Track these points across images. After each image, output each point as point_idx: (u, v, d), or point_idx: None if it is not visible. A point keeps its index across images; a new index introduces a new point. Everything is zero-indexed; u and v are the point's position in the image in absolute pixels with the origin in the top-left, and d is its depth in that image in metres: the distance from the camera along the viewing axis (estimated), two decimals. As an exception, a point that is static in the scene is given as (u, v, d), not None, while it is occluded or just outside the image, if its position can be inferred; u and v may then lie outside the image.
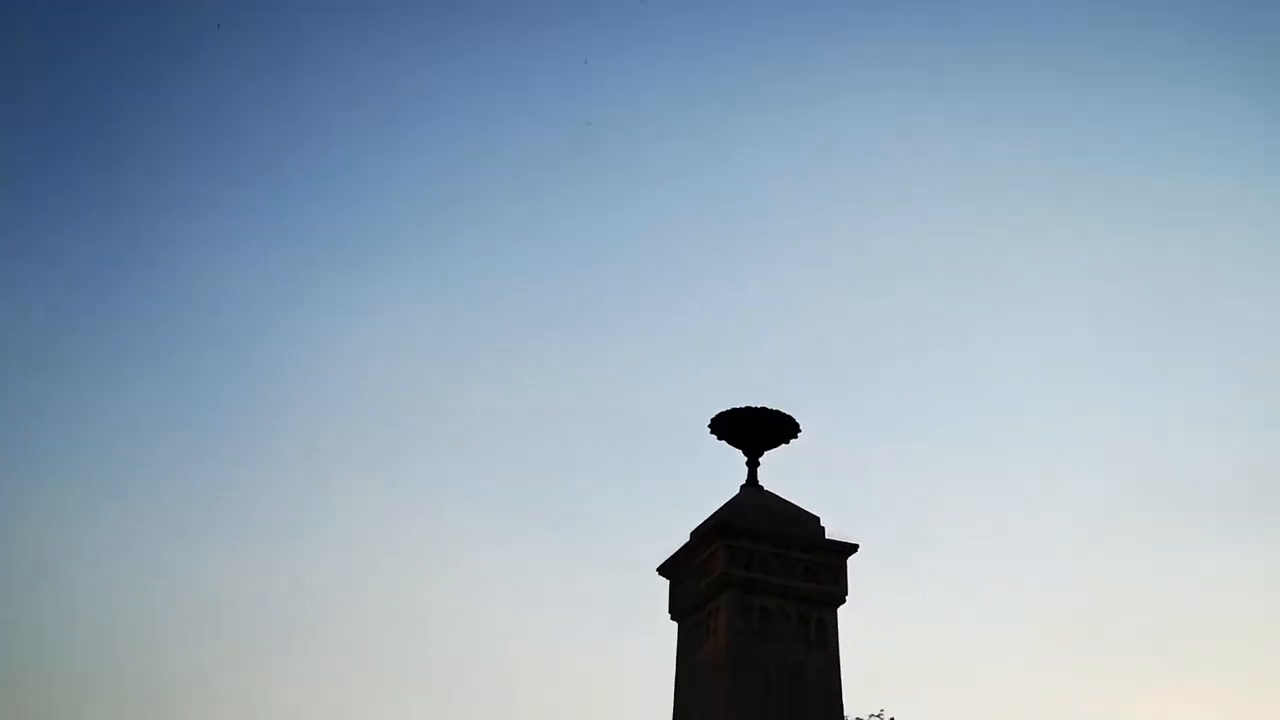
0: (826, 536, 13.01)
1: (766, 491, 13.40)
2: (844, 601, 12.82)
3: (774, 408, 13.39)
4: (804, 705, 11.97)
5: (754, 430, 13.44)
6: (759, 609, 12.25)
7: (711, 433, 13.64)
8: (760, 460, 13.66)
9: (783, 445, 13.73)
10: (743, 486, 13.51)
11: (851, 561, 13.01)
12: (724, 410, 13.46)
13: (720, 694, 11.86)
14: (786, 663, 12.08)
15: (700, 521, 13.34)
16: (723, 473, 13.92)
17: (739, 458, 13.80)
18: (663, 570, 13.67)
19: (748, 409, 13.33)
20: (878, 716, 47.20)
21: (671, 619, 13.50)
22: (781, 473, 14.18)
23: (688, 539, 13.32)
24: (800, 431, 13.53)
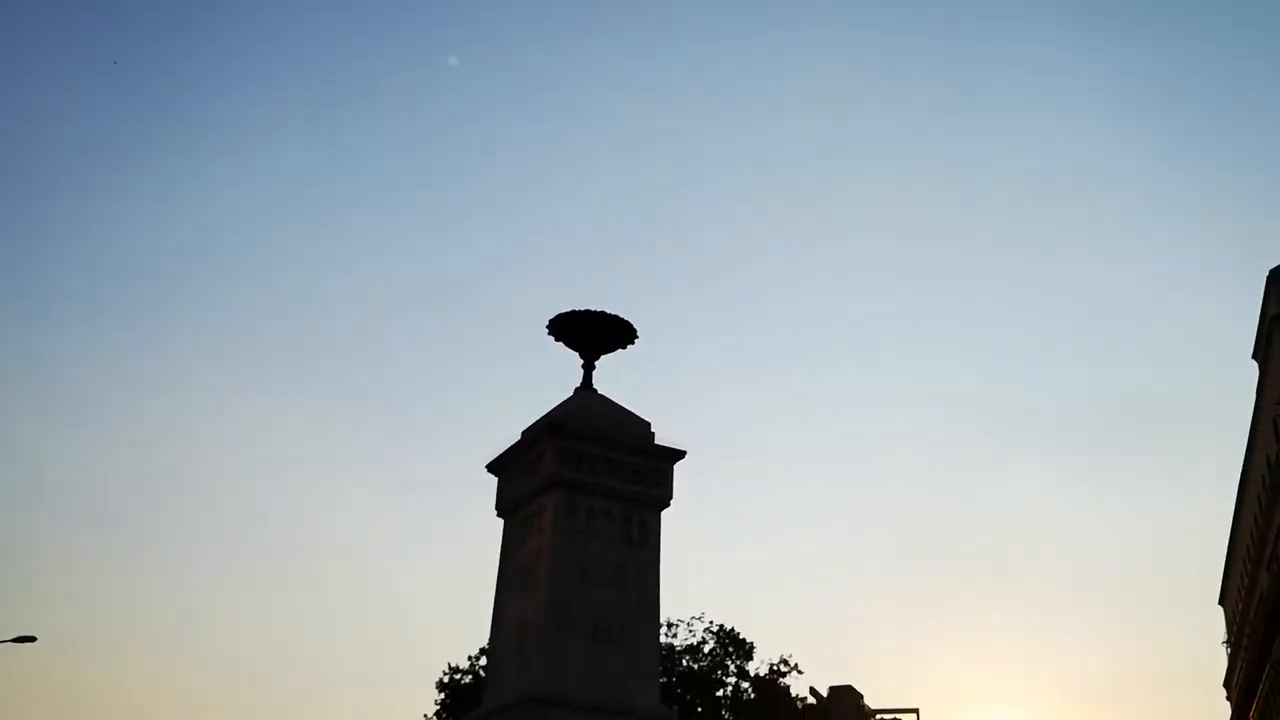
0: (655, 442, 13.23)
1: (600, 395, 13.51)
2: (668, 505, 13.12)
3: (613, 313, 13.46)
4: (623, 602, 12.28)
5: (591, 334, 13.47)
6: (585, 508, 12.44)
7: (549, 334, 13.62)
8: (596, 364, 13.72)
9: (619, 350, 13.83)
10: (577, 389, 13.58)
11: (679, 467, 13.30)
12: (563, 312, 13.45)
13: (541, 588, 12.06)
14: (608, 560, 12.34)
15: (533, 421, 13.40)
16: (559, 375, 13.98)
17: (576, 361, 13.86)
18: (492, 467, 13.71)
19: (586, 312, 13.34)
20: (698, 619, 48.52)
21: (498, 515, 13.59)
22: (617, 378, 14.33)
23: (519, 437, 13.38)
24: (637, 338, 13.63)
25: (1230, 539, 63.24)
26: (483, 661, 33.26)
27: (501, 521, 13.54)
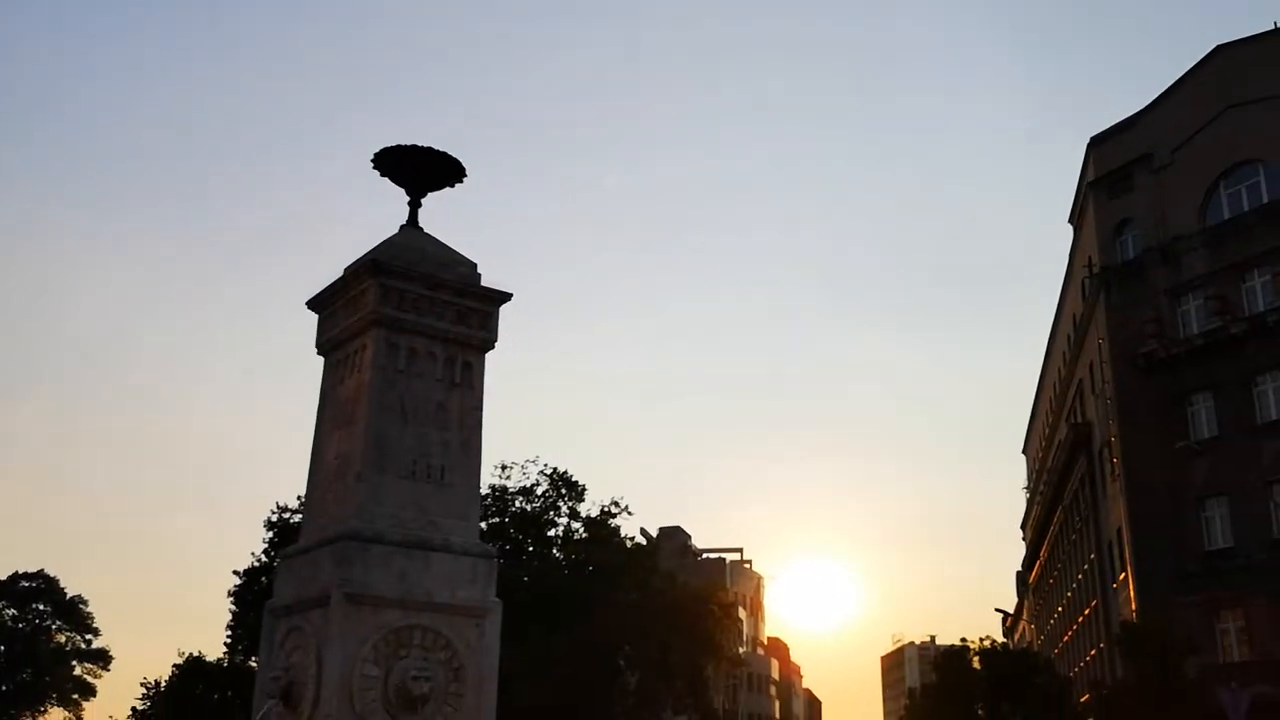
0: (481, 284, 13.07)
1: (426, 234, 13.22)
2: (492, 347, 13.04)
3: (442, 150, 13.08)
4: (443, 442, 12.29)
5: (418, 169, 13.10)
6: (406, 348, 12.29)
7: (374, 168, 13.18)
8: (423, 202, 13.39)
9: (448, 189, 13.50)
10: (402, 227, 13.25)
11: (513, 316, 13.20)
12: (389, 146, 13.01)
13: (359, 426, 11.96)
14: (429, 401, 12.28)
15: (357, 258, 13.05)
16: (384, 212, 13.60)
17: (403, 198, 13.48)
18: (313, 304, 13.37)
19: (414, 147, 12.92)
20: (532, 461, 49.36)
21: (319, 354, 13.33)
22: (446, 218, 14.00)
23: (341, 274, 13.05)
24: (466, 176, 13.29)
25: (1036, 393, 67.46)
26: (312, 501, 33.11)
27: (322, 360, 13.30)
